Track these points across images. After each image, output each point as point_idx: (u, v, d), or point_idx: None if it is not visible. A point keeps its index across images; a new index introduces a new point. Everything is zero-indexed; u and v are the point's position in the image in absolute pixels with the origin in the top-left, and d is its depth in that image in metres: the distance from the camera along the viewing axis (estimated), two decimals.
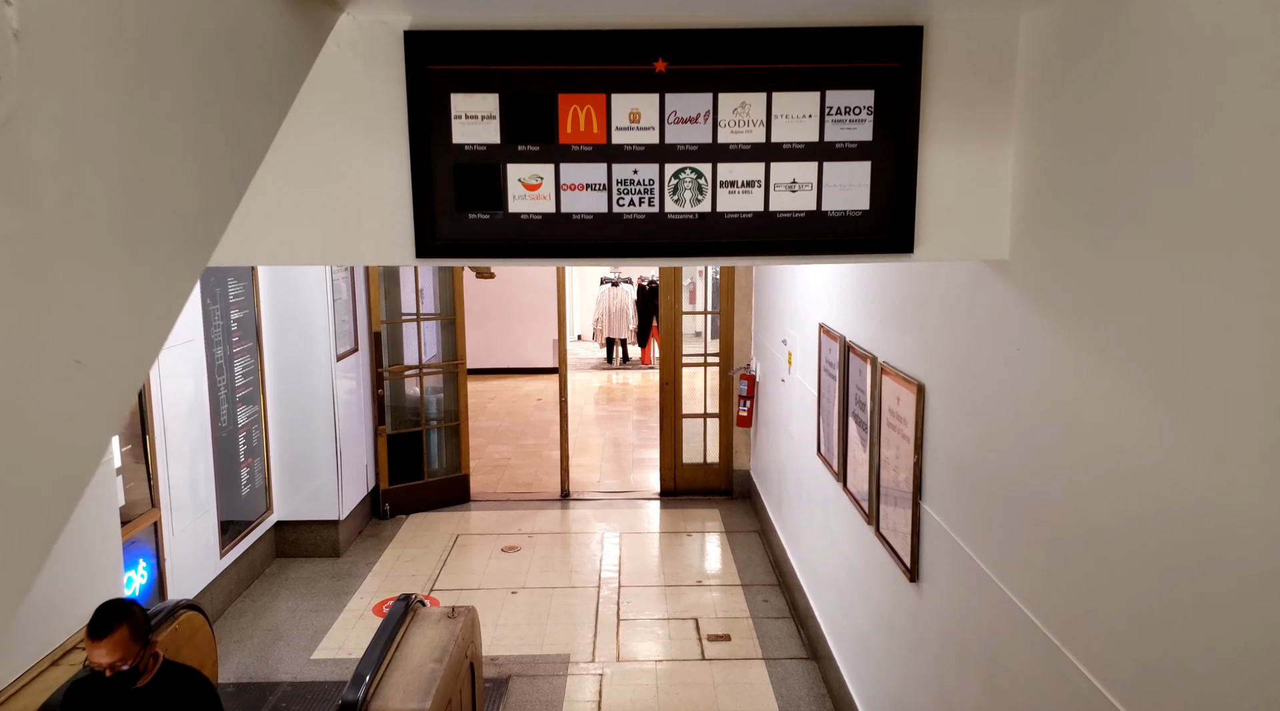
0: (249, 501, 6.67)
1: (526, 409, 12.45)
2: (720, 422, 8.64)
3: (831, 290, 5.08)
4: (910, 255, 2.66)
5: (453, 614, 4.20)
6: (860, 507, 4.43)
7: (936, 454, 3.38)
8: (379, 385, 7.98)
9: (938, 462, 3.36)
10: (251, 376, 6.70)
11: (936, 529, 3.38)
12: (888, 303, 3.98)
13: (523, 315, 14.71)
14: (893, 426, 3.87)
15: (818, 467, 5.48)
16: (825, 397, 5.22)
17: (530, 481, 9.17)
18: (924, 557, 3.54)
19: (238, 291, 6.46)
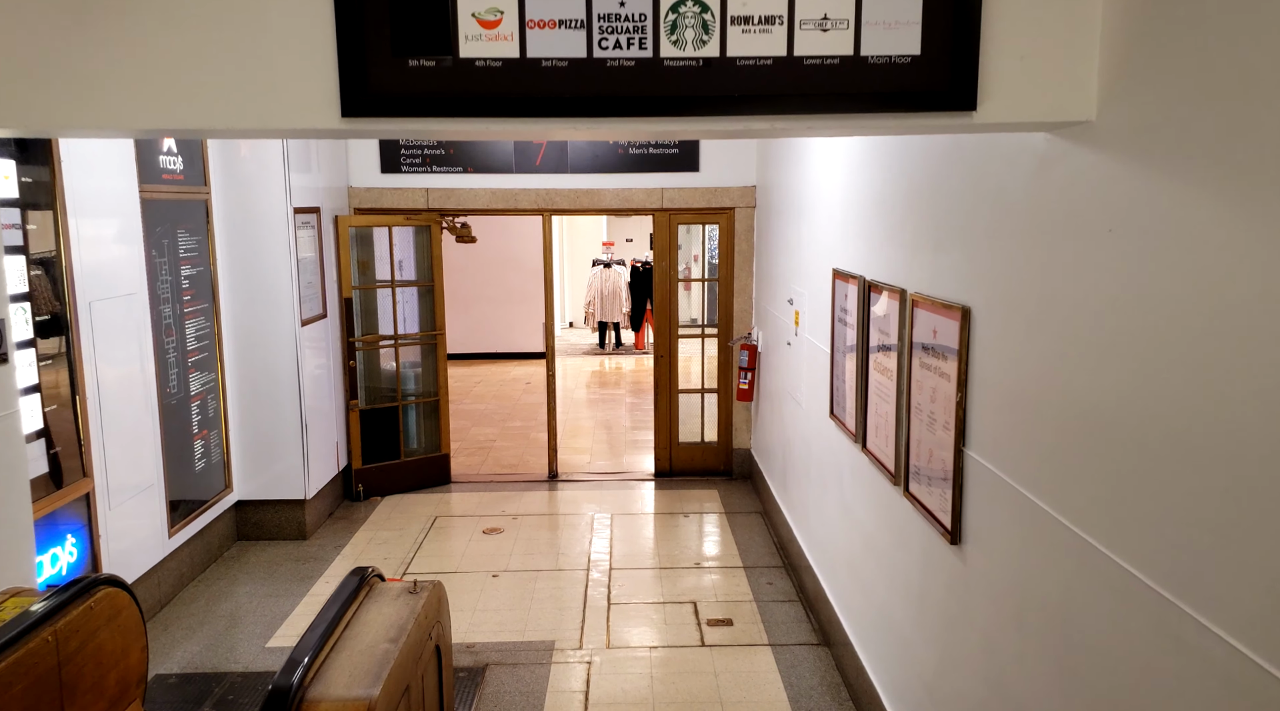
0: (204, 478, 6.08)
1: (514, 392, 11.87)
2: (719, 399, 8.07)
3: (848, 227, 4.51)
4: (971, 114, 2.11)
5: (414, 589, 3.62)
6: (884, 468, 3.87)
7: (986, 388, 2.81)
8: (350, 356, 7.40)
9: (988, 398, 2.80)
10: (207, 340, 6.11)
11: (986, 477, 2.81)
12: (921, 222, 3.41)
13: (511, 298, 14.14)
14: (927, 366, 3.31)
15: (830, 432, 4.92)
16: (840, 351, 4.66)
17: (516, 463, 8.59)
18: (968, 514, 2.98)
19: (190, 245, 5.87)
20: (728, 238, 7.82)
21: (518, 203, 7.66)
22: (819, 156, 5.19)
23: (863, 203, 4.23)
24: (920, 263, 3.42)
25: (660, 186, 7.67)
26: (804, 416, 5.66)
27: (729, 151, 7.64)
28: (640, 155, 7.62)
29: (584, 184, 7.66)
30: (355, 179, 7.59)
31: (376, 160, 7.58)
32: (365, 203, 7.59)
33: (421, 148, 7.55)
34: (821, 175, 5.12)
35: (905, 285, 3.59)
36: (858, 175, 4.32)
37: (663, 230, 7.84)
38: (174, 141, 5.67)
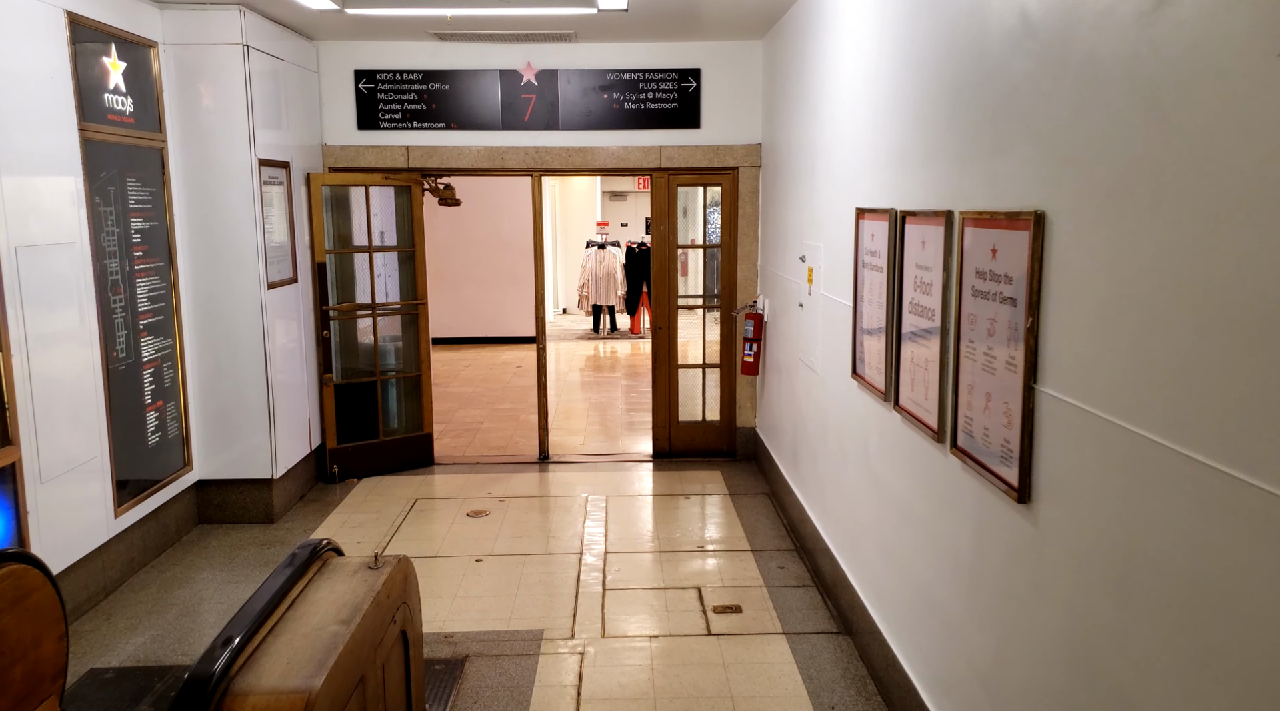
0: (159, 454, 5.53)
1: (504, 375, 11.32)
2: (721, 374, 7.53)
3: (877, 155, 3.97)
4: None
5: (375, 563, 3.07)
6: (923, 425, 3.33)
7: (1070, 307, 2.27)
8: (324, 326, 6.84)
9: (1073, 318, 2.26)
10: (162, 302, 5.55)
11: (1068, 416, 2.28)
12: (973, 125, 2.87)
13: (501, 280, 13.58)
14: (984, 295, 2.77)
15: (853, 395, 4.38)
16: (866, 301, 4.12)
17: (504, 444, 8.04)
18: (1042, 464, 2.44)
19: (141, 196, 5.31)
20: (731, 200, 7.28)
21: (505, 162, 7.12)
22: (842, 86, 4.65)
23: (896, 122, 3.69)
24: (972, 174, 2.88)
25: (659, 144, 7.13)
26: (819, 383, 5.13)
27: (733, 107, 7.10)
28: (637, 110, 7.08)
29: (576, 142, 7.12)
30: (330, 136, 7.04)
31: (353, 115, 7.02)
32: (341, 162, 7.03)
33: (402, 101, 7.00)
34: (843, 107, 4.58)
35: (952, 206, 3.06)
36: (890, 91, 3.78)
37: (661, 192, 7.30)
38: (122, 79, 5.12)
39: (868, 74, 4.11)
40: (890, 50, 3.76)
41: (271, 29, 6.09)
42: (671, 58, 7.05)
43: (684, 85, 7.07)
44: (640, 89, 7.07)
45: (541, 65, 7.03)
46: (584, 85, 7.06)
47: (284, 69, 6.31)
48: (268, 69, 6.02)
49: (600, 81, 7.05)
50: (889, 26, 3.78)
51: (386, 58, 6.98)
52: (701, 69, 7.06)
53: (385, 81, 6.99)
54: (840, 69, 4.61)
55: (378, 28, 6.44)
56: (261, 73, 5.92)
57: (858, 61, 4.28)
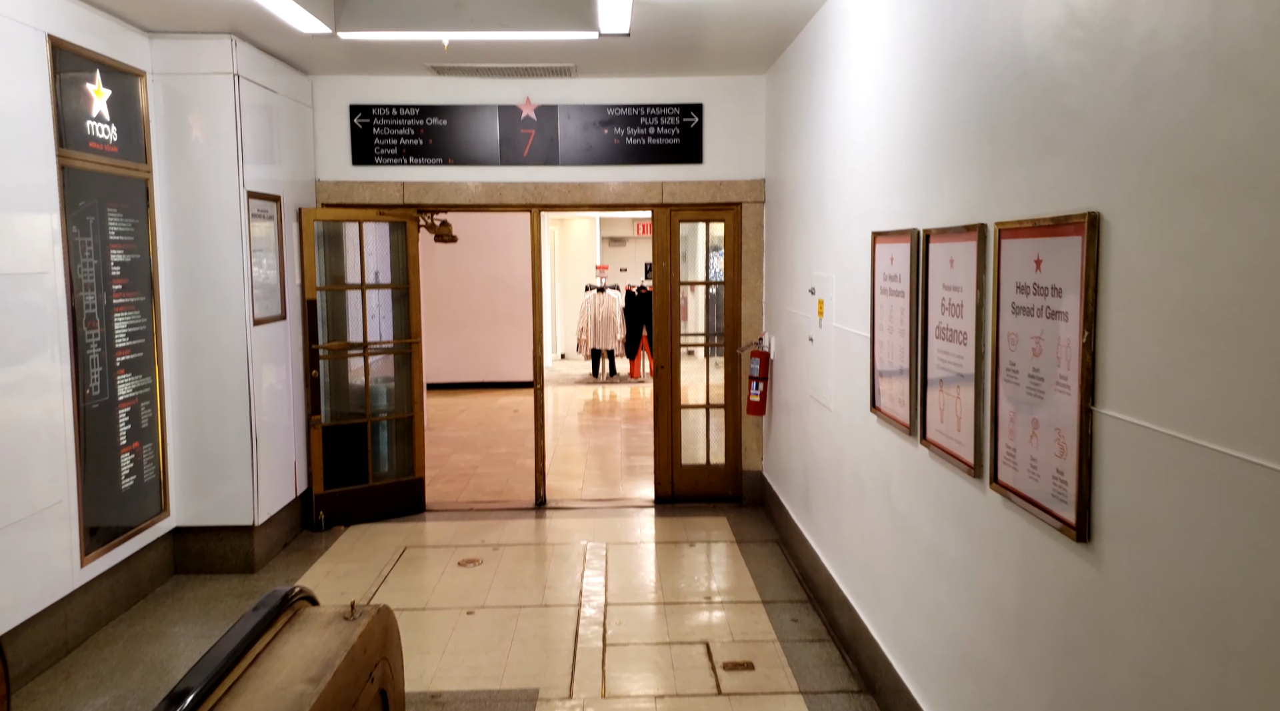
0: (133, 499, 5.22)
1: (501, 419, 11.02)
2: (726, 415, 7.24)
3: (896, 175, 3.74)
4: None
5: (351, 614, 2.76)
6: (957, 459, 3.05)
7: (1134, 318, 2.01)
8: (313, 365, 6.57)
9: (1137, 331, 2.00)
10: (142, 339, 5.29)
11: (1137, 440, 2.00)
12: (1009, 127, 2.63)
13: (499, 322, 13.34)
14: (1027, 311, 2.51)
15: (872, 431, 4.10)
16: (886, 329, 3.86)
17: (499, 490, 7.72)
18: (1104, 497, 2.16)
19: (123, 228, 5.08)
20: (734, 236, 7.06)
21: (503, 197, 6.91)
22: (853, 110, 4.45)
23: (917, 138, 3.47)
24: (1008, 181, 2.64)
25: (660, 179, 6.94)
26: (833, 420, 4.85)
27: (736, 142, 6.92)
28: (638, 145, 6.89)
29: (576, 177, 6.93)
30: (324, 171, 6.84)
31: (348, 150, 6.83)
32: (335, 197, 6.83)
33: (398, 137, 6.82)
34: (856, 131, 4.37)
35: (985, 218, 2.81)
36: (909, 108, 3.56)
37: (663, 227, 7.08)
38: (106, 107, 4.91)
39: (883, 93, 3.90)
40: (908, 66, 3.55)
41: (264, 61, 5.92)
42: (673, 93, 6.89)
43: (686, 120, 6.90)
44: (641, 124, 6.90)
45: (541, 100, 6.86)
46: (584, 120, 6.88)
47: (277, 102, 6.12)
48: (259, 100, 5.84)
49: (600, 117, 6.88)
50: (906, 41, 3.58)
51: (383, 93, 6.81)
52: (704, 104, 6.89)
53: (381, 116, 6.81)
54: (851, 93, 4.41)
55: (374, 62, 6.28)
56: (253, 104, 5.73)
57: (871, 82, 4.08)
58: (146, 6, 4.87)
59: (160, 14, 5.02)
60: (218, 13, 4.98)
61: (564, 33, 4.74)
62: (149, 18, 5.10)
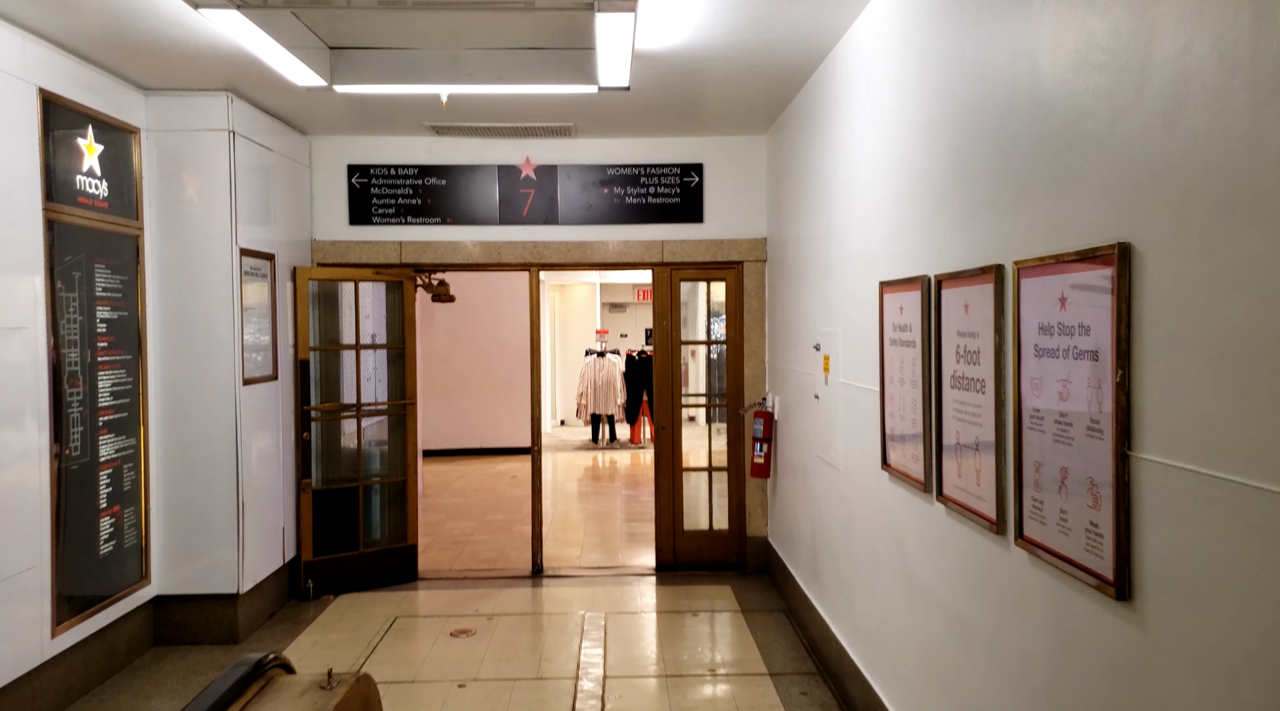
0: (112, 565, 5.00)
1: (498, 486, 10.78)
2: (729, 478, 7.04)
3: (903, 222, 3.63)
4: None
5: (328, 683, 2.55)
6: (977, 516, 2.87)
7: (1175, 352, 1.86)
8: (304, 427, 6.40)
9: (1179, 366, 1.85)
10: (127, 398, 5.13)
11: (1183, 486, 1.83)
12: (1029, 160, 2.52)
13: (497, 388, 13.18)
14: (1050, 353, 2.36)
15: (883, 490, 3.92)
16: (897, 382, 3.71)
17: (495, 557, 7.47)
18: (1146, 549, 1.98)
19: (111, 284, 4.96)
20: (736, 295, 6.95)
21: (502, 256, 6.82)
22: (858, 163, 4.36)
23: (925, 184, 3.36)
24: (1027, 219, 2.52)
25: (660, 238, 6.86)
26: (841, 480, 4.66)
27: (737, 201, 6.86)
28: (638, 205, 6.83)
29: (576, 236, 6.85)
30: (320, 231, 6.76)
31: (345, 210, 6.77)
32: (331, 257, 6.74)
33: (396, 196, 6.76)
34: (861, 183, 4.28)
35: (1001, 258, 2.68)
36: (916, 155, 3.47)
37: (663, 286, 6.98)
38: (98, 163, 4.84)
39: (888, 141, 3.81)
40: (914, 110, 3.47)
41: (261, 119, 5.88)
42: (673, 153, 6.85)
43: (686, 180, 6.85)
44: (641, 184, 6.84)
45: (540, 160, 6.82)
46: (584, 180, 6.83)
47: (273, 160, 6.07)
48: (255, 157, 5.78)
49: (600, 176, 6.83)
50: (911, 85, 3.50)
51: (381, 153, 6.77)
52: (704, 164, 6.85)
53: (379, 176, 6.76)
54: (855, 144, 4.33)
55: (373, 122, 6.25)
56: (248, 160, 5.67)
57: (876, 131, 4.00)
58: (144, 64, 4.84)
59: (157, 72, 4.98)
60: (215, 69, 4.94)
61: (564, 86, 4.69)
62: (146, 76, 5.07)
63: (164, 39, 4.40)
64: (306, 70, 4.37)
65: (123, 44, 4.48)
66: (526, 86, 4.65)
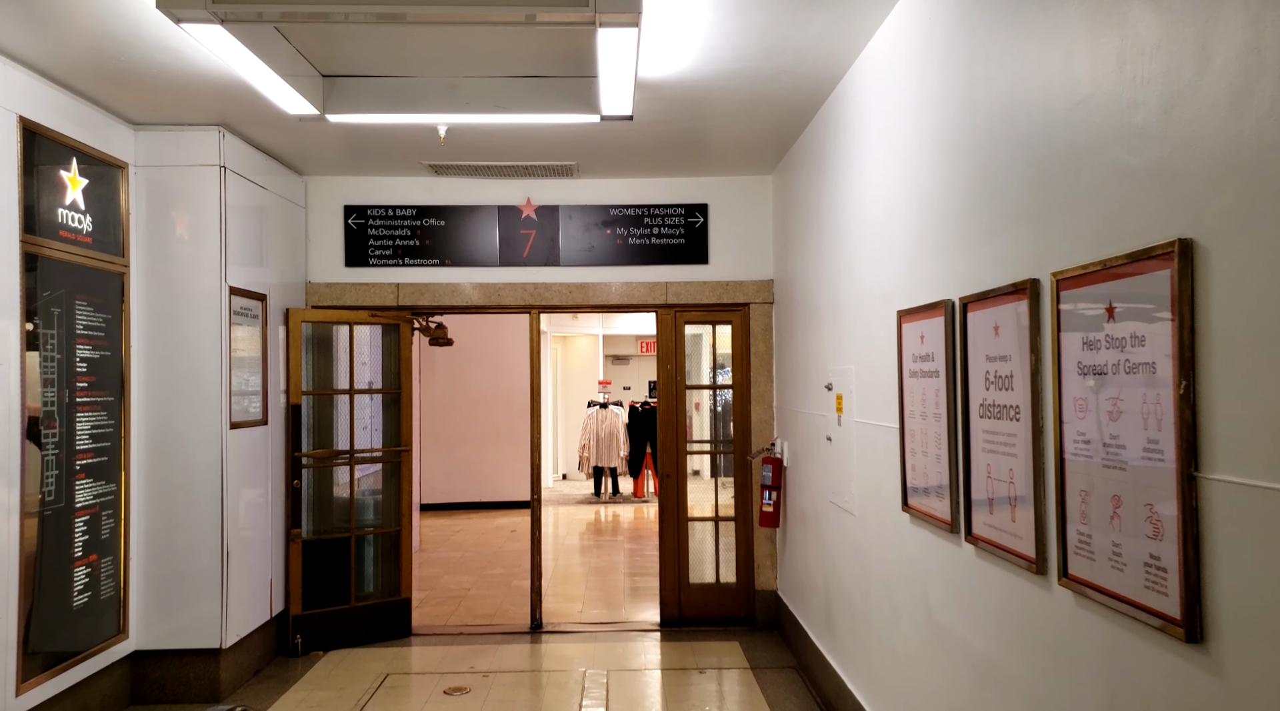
0: (86, 618, 4.73)
1: (497, 540, 10.47)
2: (737, 528, 6.76)
3: (923, 247, 3.44)
4: None
5: None
6: (1013, 555, 2.63)
7: (1251, 357, 1.65)
8: (295, 474, 6.15)
9: (1256, 373, 1.63)
10: (108, 441, 4.91)
11: (1264, 509, 1.61)
12: (1067, 157, 2.33)
13: (499, 439, 12.92)
14: (1096, 370, 2.15)
15: (905, 532, 3.67)
16: (918, 416, 3.48)
17: (492, 612, 7.16)
18: (1220, 584, 1.74)
19: (93, 322, 4.78)
20: (743, 338, 6.76)
21: (501, 298, 6.65)
22: (871, 193, 4.20)
23: (947, 200, 3.18)
24: (1064, 227, 2.32)
25: (664, 280, 6.68)
26: (856, 525, 4.41)
27: (742, 242, 6.70)
28: (641, 246, 6.67)
29: (578, 278, 6.68)
30: (315, 273, 6.60)
31: (341, 251, 6.61)
32: (326, 299, 6.56)
33: (393, 237, 6.61)
34: (874, 213, 4.11)
35: (1037, 272, 2.48)
36: (938, 174, 3.29)
37: (667, 329, 6.79)
38: (81, 196, 4.69)
39: (904, 164, 3.65)
40: (934, 126, 3.30)
41: (255, 158, 5.75)
42: (677, 193, 6.72)
43: (691, 220, 6.70)
44: (645, 224, 6.70)
45: (542, 201, 6.68)
46: (586, 221, 6.69)
47: (268, 200, 5.93)
48: (248, 195, 5.64)
49: (603, 217, 6.69)
50: (930, 101, 3.34)
51: (379, 193, 6.64)
52: (709, 204, 6.71)
53: (376, 217, 6.62)
54: (868, 173, 4.17)
55: (370, 162, 6.13)
56: (240, 198, 5.53)
57: (891, 157, 3.84)
58: (132, 96, 4.71)
59: (146, 104, 4.85)
60: (205, 101, 4.81)
61: (565, 115, 4.55)
62: (135, 109, 4.94)
63: (152, 66, 4.28)
64: (298, 98, 4.23)
65: (110, 73, 4.36)
66: (526, 116, 4.51)
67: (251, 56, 3.79)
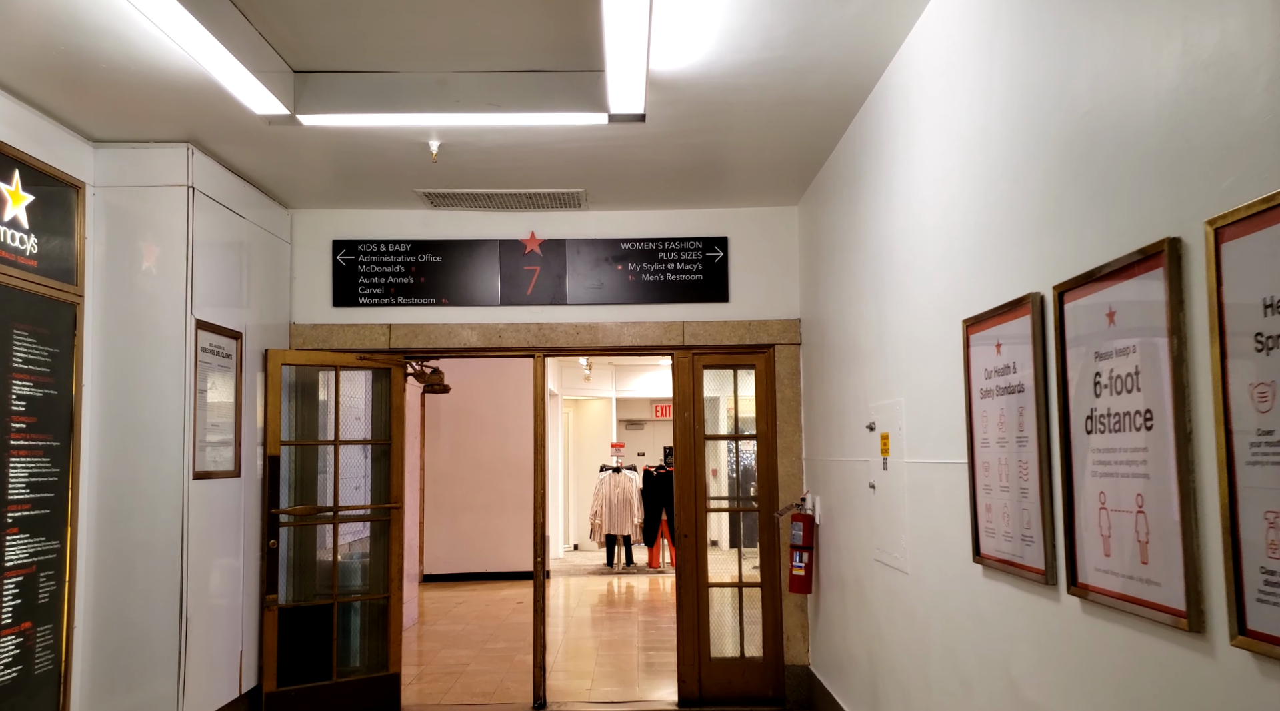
0: (16, 696, 4.07)
1: (501, 612, 9.73)
2: (763, 594, 6.06)
3: (998, 235, 2.86)
4: None
5: None
6: (1149, 607, 1.98)
7: None
8: (271, 533, 5.53)
9: None
10: (51, 492, 4.32)
11: None
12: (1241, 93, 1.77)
13: (506, 506, 12.22)
14: None
15: (976, 588, 3.01)
16: (995, 444, 2.86)
17: (492, 690, 6.43)
18: None
19: (36, 356, 4.23)
20: (767, 383, 6.15)
21: (503, 340, 6.09)
22: (923, 185, 3.65)
23: (1036, 170, 2.61)
24: (1225, 160, 1.74)
25: (680, 320, 6.12)
26: (910, 586, 3.74)
27: (766, 278, 6.15)
28: (655, 282, 6.13)
29: (586, 318, 6.13)
30: (301, 313, 6.08)
31: (328, 289, 6.09)
32: (311, 342, 6.02)
33: (386, 275, 6.09)
34: (929, 215, 3.55)
35: (1176, 229, 1.90)
36: (1020, 142, 2.73)
37: (684, 373, 6.19)
38: (24, 213, 4.19)
39: (969, 152, 3.09)
40: (1014, 98, 2.76)
41: (230, 183, 5.28)
42: (694, 226, 6.19)
43: (709, 255, 6.17)
44: (659, 260, 6.16)
45: (547, 234, 6.17)
46: (595, 256, 6.16)
47: (247, 231, 5.44)
48: (221, 223, 5.15)
49: (613, 252, 6.16)
50: (1007, 71, 2.80)
51: (370, 227, 6.15)
52: (729, 237, 6.18)
53: (368, 253, 6.12)
54: (919, 176, 3.63)
55: (360, 191, 5.66)
56: (212, 225, 5.03)
57: (950, 151, 3.29)
58: (90, 107, 4.26)
59: (106, 117, 4.39)
60: (171, 111, 4.34)
61: (568, 114, 4.04)
62: (95, 124, 4.49)
63: (107, 63, 3.80)
64: (266, 94, 3.75)
65: (60, 74, 3.89)
66: (525, 115, 4.01)
67: (211, 39, 3.31)
